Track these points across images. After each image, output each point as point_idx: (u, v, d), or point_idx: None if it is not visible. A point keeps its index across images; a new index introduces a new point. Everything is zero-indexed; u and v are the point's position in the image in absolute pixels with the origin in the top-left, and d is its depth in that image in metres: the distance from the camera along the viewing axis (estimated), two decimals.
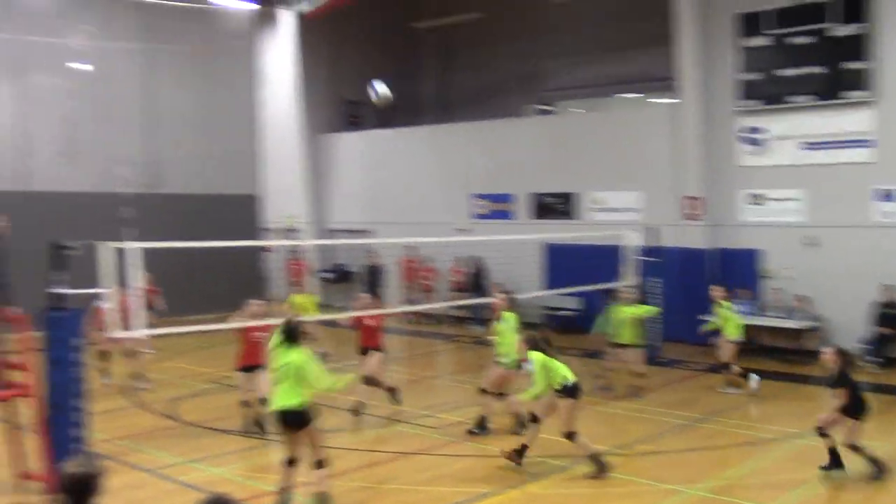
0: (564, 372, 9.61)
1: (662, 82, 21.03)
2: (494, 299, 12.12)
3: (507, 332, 11.15)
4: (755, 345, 16.37)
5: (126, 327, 10.84)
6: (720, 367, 13.96)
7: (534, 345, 9.71)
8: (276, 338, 8.70)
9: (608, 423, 11.92)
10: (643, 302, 14.57)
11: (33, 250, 8.84)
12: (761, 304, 17.40)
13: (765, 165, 17.74)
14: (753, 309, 17.04)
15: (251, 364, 11.04)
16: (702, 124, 18.27)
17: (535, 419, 9.70)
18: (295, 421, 8.11)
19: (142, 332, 9.71)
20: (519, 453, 9.60)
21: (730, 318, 13.92)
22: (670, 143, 18.93)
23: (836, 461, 9.27)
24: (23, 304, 8.66)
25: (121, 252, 9.63)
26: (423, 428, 11.46)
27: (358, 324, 12.36)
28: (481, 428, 11.09)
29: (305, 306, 15.51)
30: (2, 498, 8.48)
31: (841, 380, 9.35)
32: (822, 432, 9.35)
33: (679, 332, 17.90)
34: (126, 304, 10.84)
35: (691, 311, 17.54)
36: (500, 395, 11.18)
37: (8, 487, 8.79)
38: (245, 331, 11.09)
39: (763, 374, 13.89)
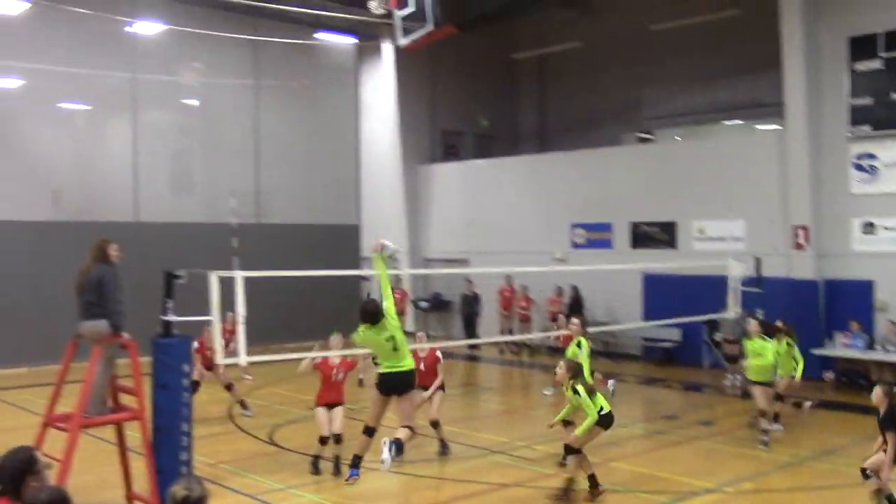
0: (602, 401, 9.52)
1: (768, 108, 20.54)
2: (569, 327, 12.11)
3: (584, 359, 11.00)
4: (866, 380, 15.66)
5: (229, 354, 11.15)
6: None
7: (576, 373, 9.62)
8: (362, 324, 9.03)
9: (711, 459, 11.56)
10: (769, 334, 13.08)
11: (144, 279, 9.16)
12: (873, 338, 16.66)
13: (877, 193, 17.04)
14: (865, 342, 16.34)
15: (329, 402, 10.87)
16: (811, 151, 17.69)
17: (573, 451, 9.55)
18: (407, 382, 8.89)
19: (244, 359, 9.91)
20: (566, 490, 9.42)
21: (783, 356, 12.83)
22: (777, 170, 18.40)
23: None
24: (133, 330, 8.99)
25: (227, 280, 9.87)
26: (520, 459, 11.34)
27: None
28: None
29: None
30: None
31: (888, 421, 8.56)
32: (865, 474, 8.66)
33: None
34: (230, 331, 11.13)
35: (799, 344, 16.94)
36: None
37: None
38: (323, 367, 10.93)
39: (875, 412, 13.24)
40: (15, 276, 18.59)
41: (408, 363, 9.05)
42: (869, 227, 17.19)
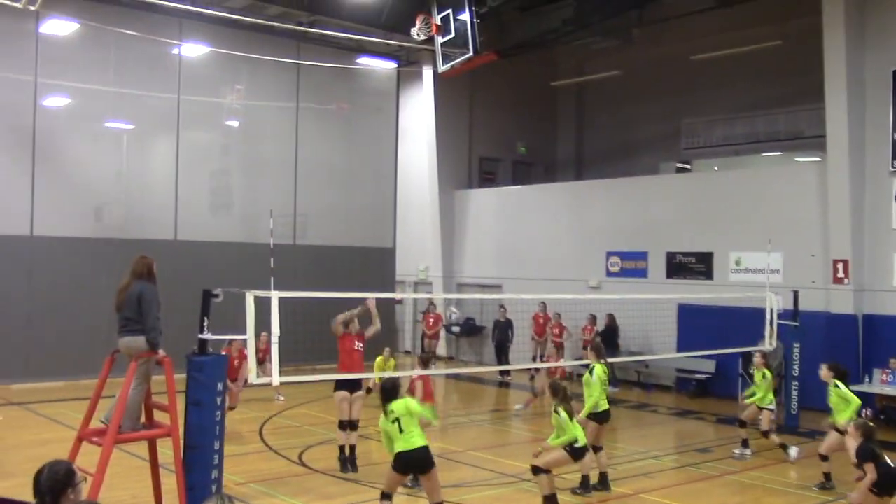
0: (579, 432, 9.90)
1: (809, 140, 20.40)
2: (586, 354, 12.59)
3: (594, 385, 11.38)
4: None
5: (263, 373, 11.23)
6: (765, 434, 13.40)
7: (560, 396, 10.06)
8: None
9: (743, 494, 11.40)
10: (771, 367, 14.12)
11: (181, 296, 9.27)
12: None
13: None
14: None
15: (350, 383, 11.42)
16: (852, 184, 17.49)
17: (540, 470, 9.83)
18: (425, 460, 8.70)
19: (276, 379, 9.97)
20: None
21: (763, 386, 13.41)
22: (817, 202, 18.22)
23: None
24: (169, 347, 9.10)
25: (263, 300, 9.95)
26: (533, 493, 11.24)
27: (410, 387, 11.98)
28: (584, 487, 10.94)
29: (382, 367, 15.83)
30: None
31: (864, 454, 8.52)
32: None
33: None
34: (263, 350, 11.23)
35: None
36: (595, 448, 11.00)
37: None
38: (345, 338, 11.52)
39: None
40: (56, 290, 18.91)
41: (417, 442, 8.77)
42: None
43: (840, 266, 17.59)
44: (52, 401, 16.34)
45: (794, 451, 13.20)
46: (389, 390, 9.05)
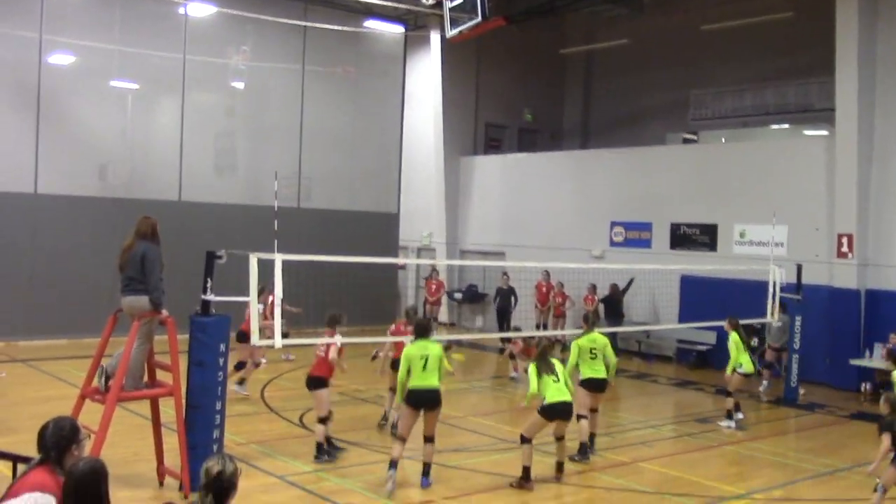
0: (553, 390, 9.92)
1: (817, 113, 20.26)
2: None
3: (573, 353, 11.69)
4: None
5: (268, 335, 11.26)
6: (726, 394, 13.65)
7: (533, 355, 10.52)
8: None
9: (742, 464, 11.47)
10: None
11: (184, 257, 9.29)
12: None
13: None
14: None
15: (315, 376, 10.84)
16: (860, 158, 17.36)
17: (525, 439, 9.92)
18: (436, 400, 9.47)
19: (279, 342, 10.00)
20: (525, 478, 9.78)
21: (737, 350, 13.43)
22: (824, 176, 18.13)
23: None
24: (172, 307, 9.13)
25: (266, 262, 9.96)
26: (548, 454, 11.33)
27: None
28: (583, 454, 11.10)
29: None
30: (144, 491, 8.90)
31: (883, 424, 8.84)
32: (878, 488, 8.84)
33: (822, 375, 17.13)
34: (268, 312, 11.24)
35: (837, 354, 16.79)
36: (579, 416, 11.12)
37: (149, 481, 9.26)
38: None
39: None
40: (59, 248, 18.94)
41: (433, 383, 9.62)
42: None
43: (844, 240, 17.55)
44: (56, 358, 16.43)
45: (726, 423, 13.29)
46: (426, 328, 9.91)
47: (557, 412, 9.89)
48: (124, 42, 19.81)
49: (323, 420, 10.64)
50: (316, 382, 10.72)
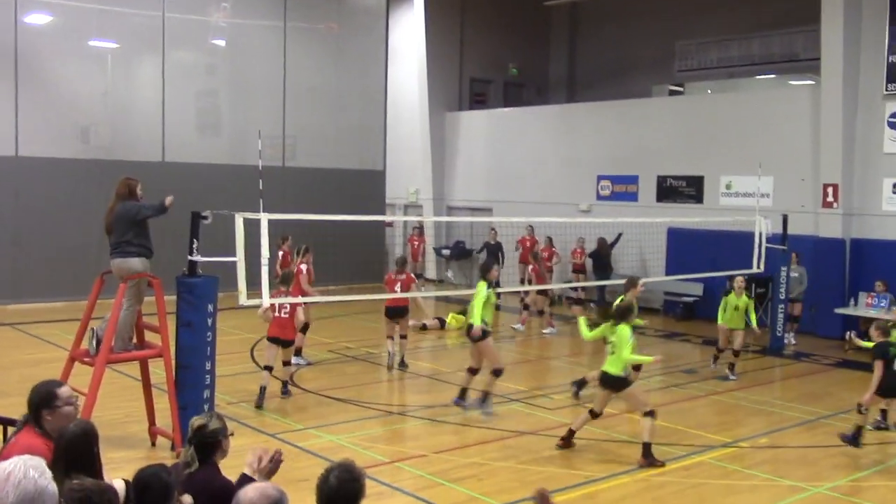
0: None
1: (803, 63, 20.19)
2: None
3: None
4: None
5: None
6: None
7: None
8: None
9: (728, 414, 11.62)
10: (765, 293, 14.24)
11: (170, 219, 9.23)
12: None
13: None
14: (889, 303, 16.21)
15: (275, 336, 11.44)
16: (845, 108, 17.35)
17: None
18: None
19: (266, 301, 10.00)
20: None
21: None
22: (809, 126, 18.13)
23: (855, 437, 9.56)
24: (159, 269, 9.11)
25: (252, 222, 9.92)
26: (537, 408, 11.45)
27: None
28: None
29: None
30: (136, 452, 8.95)
31: (877, 350, 9.45)
32: (859, 409, 9.70)
33: (808, 325, 17.27)
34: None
35: (822, 303, 16.92)
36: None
37: (141, 442, 9.31)
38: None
39: None
40: (43, 211, 18.79)
41: (472, 320, 10.85)
42: None
43: (830, 190, 17.61)
44: (44, 321, 16.40)
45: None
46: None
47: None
48: (102, 0, 19.49)
49: (287, 363, 11.95)
50: (282, 342, 11.58)
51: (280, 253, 14.66)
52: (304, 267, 13.34)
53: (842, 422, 10.88)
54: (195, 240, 9.13)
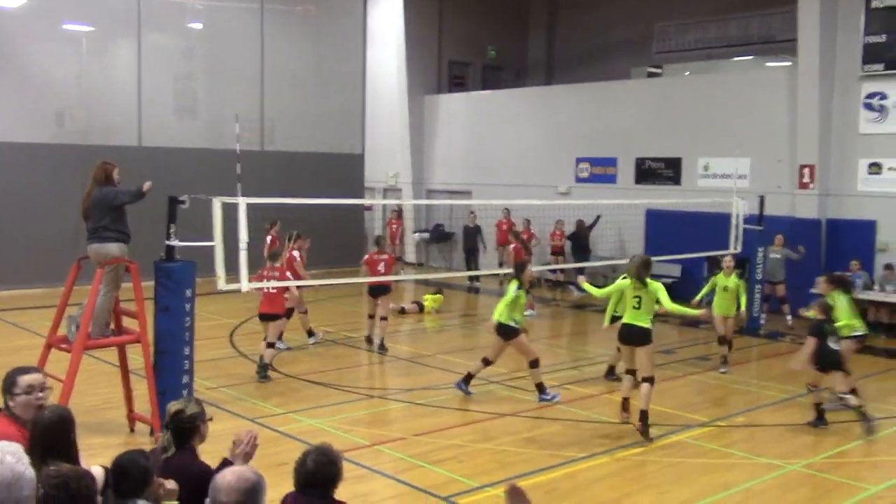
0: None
1: (781, 44, 20.27)
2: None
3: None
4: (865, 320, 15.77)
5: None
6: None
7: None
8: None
9: (706, 394, 11.73)
10: (742, 273, 14.11)
11: (147, 203, 9.17)
12: (873, 278, 16.71)
13: (885, 133, 16.92)
14: (864, 282, 16.39)
15: (264, 312, 11.82)
16: (822, 88, 17.46)
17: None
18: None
19: (245, 285, 9.97)
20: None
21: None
22: (786, 107, 18.24)
23: (819, 418, 10.02)
24: (136, 254, 9.07)
25: (230, 207, 9.87)
26: (516, 390, 11.51)
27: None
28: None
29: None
30: (115, 437, 8.93)
31: (812, 328, 9.95)
32: (809, 389, 10.17)
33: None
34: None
35: (798, 283, 17.03)
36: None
37: (119, 427, 9.29)
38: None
39: (871, 351, 13.50)
40: (19, 197, 18.60)
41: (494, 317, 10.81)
42: (875, 168, 17.11)
43: (806, 171, 17.74)
44: (20, 308, 16.28)
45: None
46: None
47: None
48: None
49: (271, 345, 11.78)
50: (270, 317, 11.83)
51: (268, 238, 14.58)
52: (296, 254, 13.38)
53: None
54: (172, 224, 9.09)
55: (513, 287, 10.82)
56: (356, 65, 24.64)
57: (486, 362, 11.12)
